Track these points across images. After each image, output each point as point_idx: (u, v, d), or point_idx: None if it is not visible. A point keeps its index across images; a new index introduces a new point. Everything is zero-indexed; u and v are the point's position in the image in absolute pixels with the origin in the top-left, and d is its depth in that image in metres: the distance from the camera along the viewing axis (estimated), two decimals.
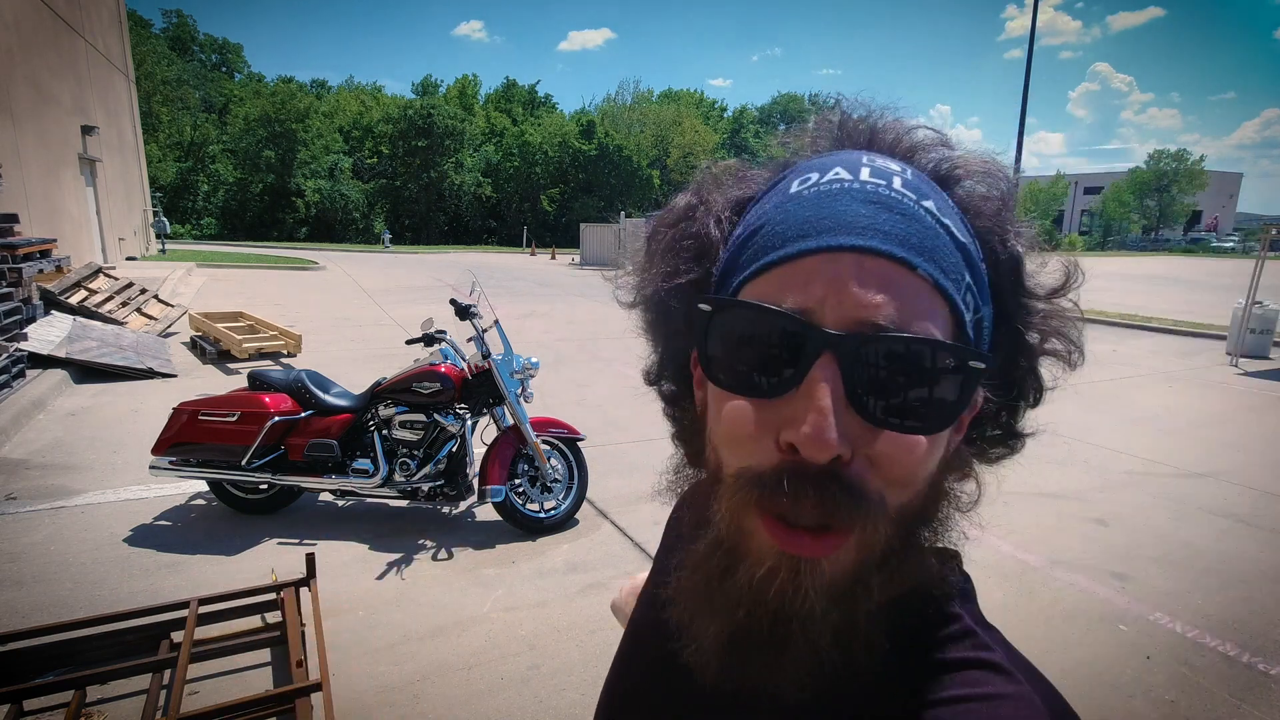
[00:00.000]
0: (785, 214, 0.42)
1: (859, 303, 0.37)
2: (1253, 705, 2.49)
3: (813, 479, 0.37)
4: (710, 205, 0.48)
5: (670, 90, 57.35)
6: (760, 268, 0.41)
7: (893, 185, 0.41)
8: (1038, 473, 4.79)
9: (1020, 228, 0.45)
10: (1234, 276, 22.42)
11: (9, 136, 10.83)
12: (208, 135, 42.26)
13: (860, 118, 0.48)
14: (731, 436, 0.40)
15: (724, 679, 0.42)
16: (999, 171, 0.46)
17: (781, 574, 0.38)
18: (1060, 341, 0.46)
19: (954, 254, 0.40)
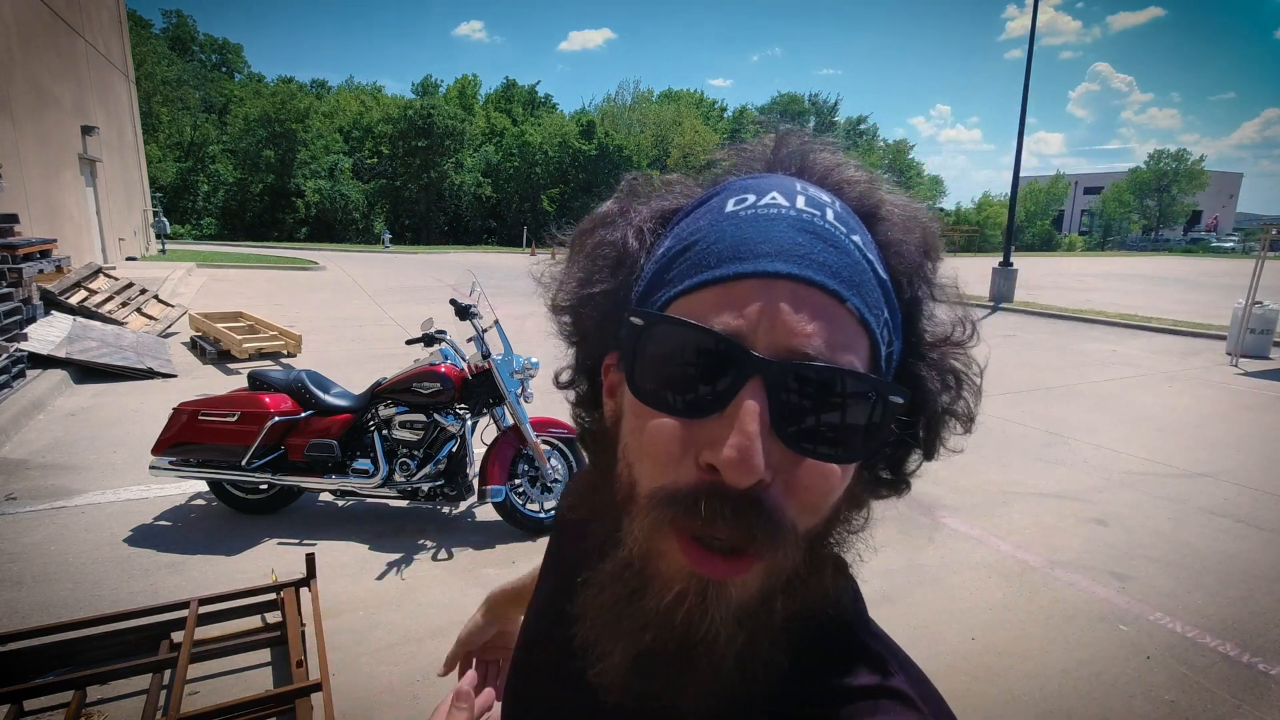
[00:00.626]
0: (720, 233, 0.41)
1: (791, 330, 0.37)
2: (1253, 705, 2.49)
3: (732, 502, 0.37)
4: (631, 216, 0.48)
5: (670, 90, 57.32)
6: (693, 285, 0.40)
7: (825, 216, 0.42)
8: (1038, 473, 4.79)
9: (931, 274, 0.46)
10: (1234, 276, 22.42)
11: (9, 136, 10.83)
12: (208, 135, 42.23)
13: (795, 146, 0.48)
14: (651, 454, 0.40)
15: (629, 698, 0.42)
16: (921, 215, 0.47)
17: (689, 598, 0.39)
18: (951, 395, 0.46)
19: (875, 289, 0.41)
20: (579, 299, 0.48)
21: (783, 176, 0.45)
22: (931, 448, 0.48)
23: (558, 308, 0.51)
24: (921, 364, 0.45)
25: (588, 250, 0.49)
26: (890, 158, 56.46)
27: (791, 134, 0.49)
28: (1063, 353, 9.55)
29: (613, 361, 0.48)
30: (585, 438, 0.53)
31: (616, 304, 0.46)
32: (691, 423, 0.39)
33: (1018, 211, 18.83)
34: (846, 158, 0.48)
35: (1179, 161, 55.73)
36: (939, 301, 0.47)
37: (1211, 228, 63.08)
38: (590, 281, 0.48)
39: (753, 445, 0.36)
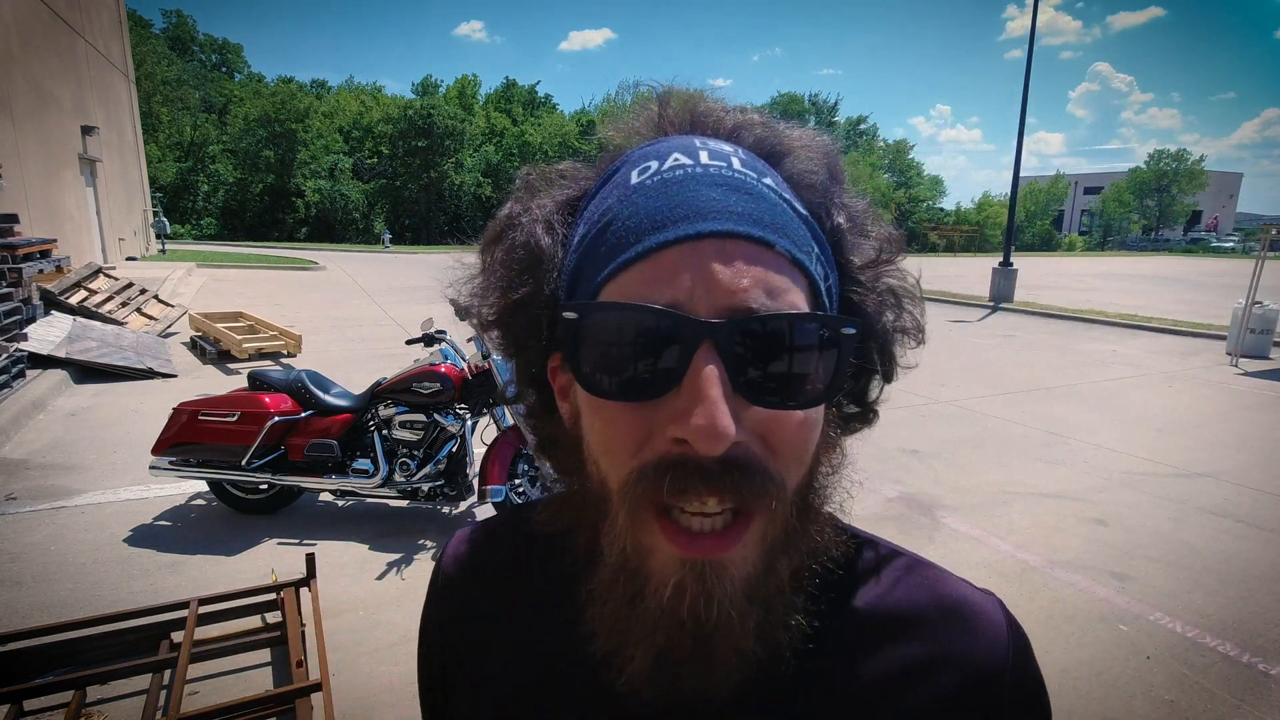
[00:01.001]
0: (633, 206, 0.40)
1: (729, 288, 0.37)
2: (1253, 705, 2.49)
3: (708, 471, 0.36)
4: (535, 212, 0.46)
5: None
6: (619, 266, 0.39)
7: (732, 166, 0.41)
8: (1038, 473, 4.79)
9: (846, 199, 0.46)
10: (1234, 276, 22.42)
11: (9, 136, 10.83)
12: (208, 135, 42.23)
13: (680, 104, 0.47)
14: (615, 444, 0.39)
15: (657, 696, 0.41)
16: (823, 145, 0.46)
17: (689, 588, 0.37)
18: (894, 312, 0.46)
19: (800, 226, 0.41)
20: (504, 309, 0.46)
21: (680, 136, 0.44)
22: (889, 370, 0.47)
23: (485, 324, 0.48)
24: (858, 288, 0.45)
25: (499, 258, 0.46)
26: (890, 158, 56.40)
27: (673, 93, 0.47)
28: (1063, 353, 9.55)
29: (557, 363, 0.46)
30: (544, 447, 0.50)
31: (544, 304, 0.44)
32: (649, 405, 0.37)
33: (1018, 211, 18.82)
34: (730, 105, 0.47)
35: (1179, 161, 55.74)
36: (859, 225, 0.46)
37: (1211, 228, 63.08)
38: (511, 288, 0.45)
39: (718, 408, 0.35)
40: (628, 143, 0.47)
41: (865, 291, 0.44)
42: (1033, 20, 15.05)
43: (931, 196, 55.25)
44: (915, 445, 5.32)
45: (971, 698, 0.45)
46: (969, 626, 0.47)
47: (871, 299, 0.45)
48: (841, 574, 0.47)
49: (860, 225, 0.46)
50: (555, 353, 0.45)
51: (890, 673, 0.45)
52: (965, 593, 0.48)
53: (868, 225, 0.46)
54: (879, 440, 4.92)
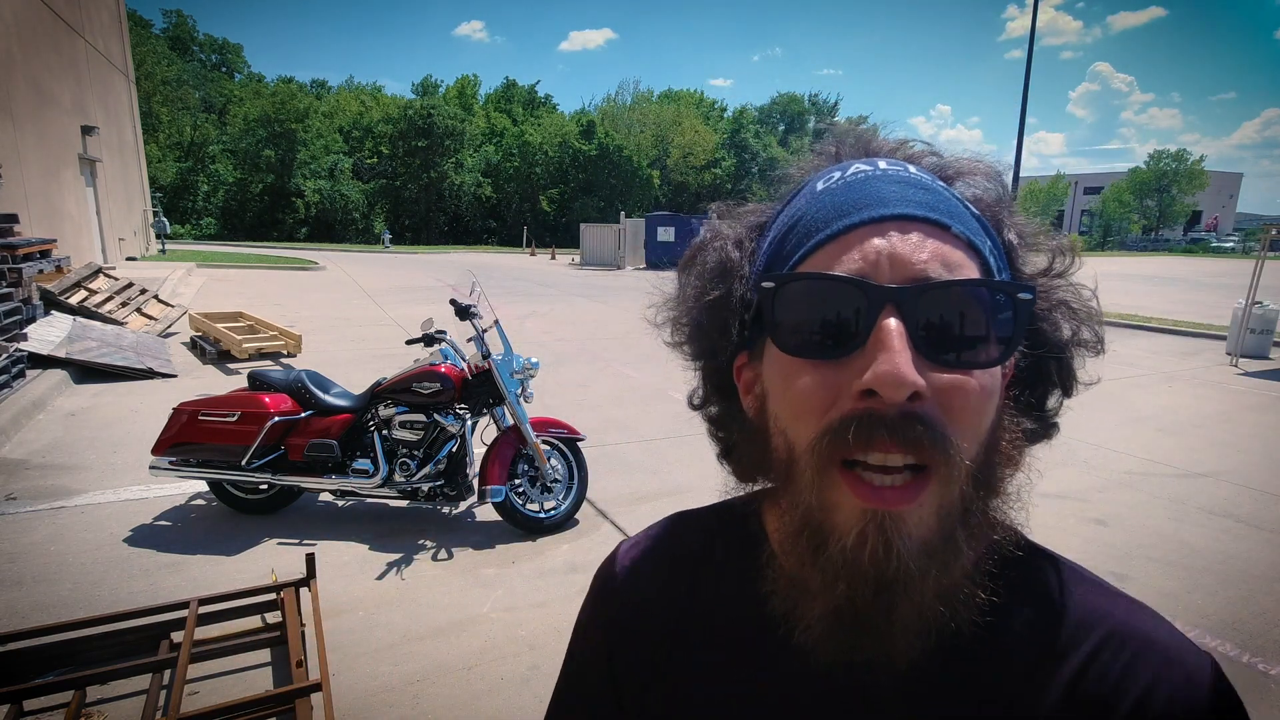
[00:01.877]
0: (820, 204, 0.45)
1: (910, 260, 0.41)
2: (1253, 705, 2.47)
3: (888, 422, 0.38)
4: (726, 233, 0.52)
5: (670, 90, 57.33)
6: (810, 248, 0.44)
7: (909, 170, 0.46)
8: (1038, 473, 4.79)
9: (1017, 218, 0.49)
10: (1234, 276, 22.42)
11: (9, 136, 10.83)
12: (208, 135, 42.23)
13: (854, 139, 0.51)
14: (805, 404, 0.42)
15: (836, 656, 0.43)
16: (990, 169, 0.50)
17: (870, 538, 0.39)
18: (1070, 325, 0.48)
19: (972, 220, 0.45)
20: (698, 312, 0.51)
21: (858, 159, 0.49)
22: (1068, 383, 0.49)
23: (677, 336, 0.54)
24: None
25: (695, 272, 0.52)
26: None
27: (848, 132, 0.53)
28: None
29: (743, 362, 0.50)
30: (727, 452, 0.55)
31: (733, 308, 0.49)
32: (837, 365, 0.41)
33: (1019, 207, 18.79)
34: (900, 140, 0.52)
35: (1179, 161, 55.72)
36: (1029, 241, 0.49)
37: (1211, 228, 63.07)
38: (703, 294, 0.50)
39: (901, 356, 0.38)
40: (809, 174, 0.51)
41: (1039, 300, 0.46)
42: (1033, 20, 15.06)
43: None
44: None
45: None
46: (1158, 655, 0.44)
47: (1043, 307, 0.47)
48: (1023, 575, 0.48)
49: (1031, 240, 0.49)
50: (742, 352, 0.50)
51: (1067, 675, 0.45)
52: (1167, 632, 0.46)
53: (1040, 240, 0.49)
54: None
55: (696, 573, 0.56)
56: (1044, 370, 0.48)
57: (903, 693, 0.45)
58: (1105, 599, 0.48)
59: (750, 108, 56.19)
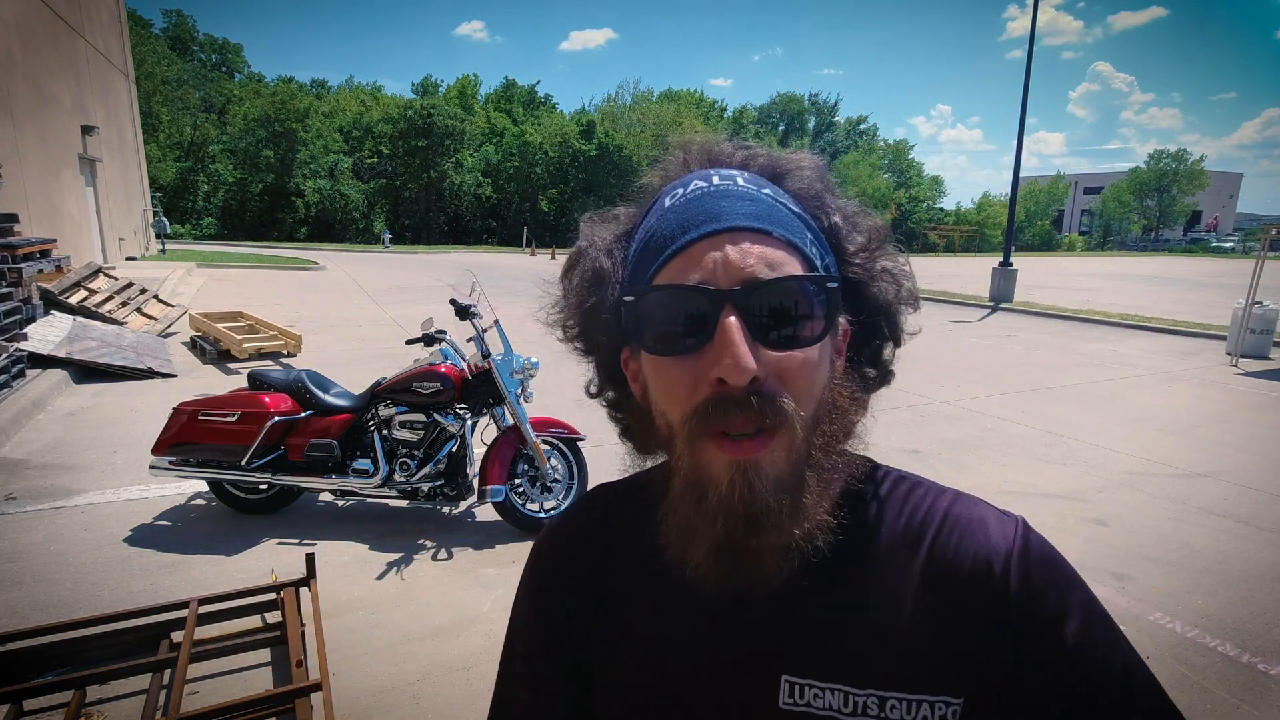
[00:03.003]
0: (666, 221, 0.53)
1: (739, 265, 0.49)
2: (1253, 705, 2.49)
3: (738, 400, 0.48)
4: (598, 243, 0.59)
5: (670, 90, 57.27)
6: (661, 262, 0.52)
7: (737, 183, 0.54)
8: (1038, 473, 4.79)
9: (839, 202, 0.58)
10: (1234, 276, 22.42)
11: (9, 136, 10.83)
12: (208, 135, 42.18)
13: (698, 148, 0.60)
14: (673, 391, 0.51)
15: (720, 584, 0.53)
16: (815, 164, 0.59)
17: (737, 483, 0.49)
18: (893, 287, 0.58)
19: (794, 221, 0.53)
20: (580, 317, 0.60)
21: (699, 170, 0.57)
22: (897, 335, 0.60)
23: (568, 336, 0.62)
24: (856, 270, 0.56)
25: (574, 282, 0.60)
26: (890, 157, 56.37)
27: (692, 141, 0.61)
28: (1063, 353, 9.54)
29: (627, 355, 0.59)
30: (625, 432, 0.64)
31: (610, 309, 0.57)
32: (693, 358, 0.49)
33: (1018, 211, 18.80)
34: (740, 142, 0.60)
35: (1179, 161, 55.69)
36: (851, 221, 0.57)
37: (1211, 228, 63.05)
38: (584, 300, 0.59)
39: (741, 350, 0.47)
40: (664, 183, 0.59)
41: (862, 271, 0.56)
42: (1033, 20, 15.05)
43: (931, 196, 55.15)
44: (915, 446, 5.32)
45: (973, 581, 0.53)
46: (978, 530, 0.56)
47: (867, 276, 0.56)
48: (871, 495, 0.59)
49: (852, 220, 0.58)
50: (624, 347, 0.59)
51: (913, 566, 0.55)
52: (982, 510, 0.58)
53: (859, 220, 0.58)
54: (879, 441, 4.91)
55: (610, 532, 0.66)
56: (876, 328, 0.58)
57: (779, 607, 0.55)
58: (934, 497, 0.59)
59: (750, 108, 56.20)
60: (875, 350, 0.60)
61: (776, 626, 0.56)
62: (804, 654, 0.55)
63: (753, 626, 0.56)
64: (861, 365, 0.59)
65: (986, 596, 0.52)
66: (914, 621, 0.53)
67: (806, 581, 0.54)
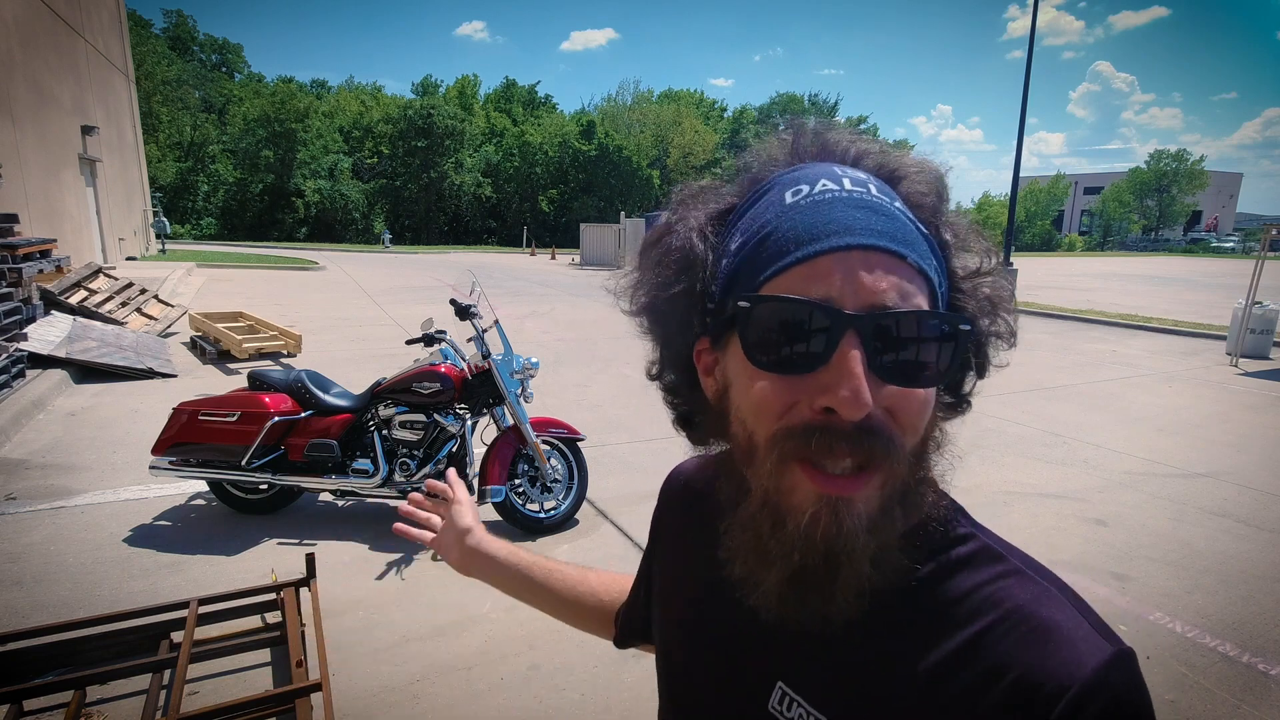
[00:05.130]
0: (791, 222, 0.48)
1: (870, 289, 0.45)
2: (1253, 705, 2.49)
3: (845, 434, 0.44)
4: (690, 221, 0.55)
5: (670, 90, 57.30)
6: (780, 268, 0.47)
7: (871, 191, 0.49)
8: (1038, 473, 4.79)
9: (952, 218, 0.53)
10: (1234, 276, 22.42)
11: (9, 136, 10.83)
12: (208, 135, 42.20)
13: (811, 134, 0.55)
14: (768, 407, 0.47)
15: (785, 614, 0.50)
16: (933, 170, 0.54)
17: (824, 518, 0.46)
18: (990, 318, 0.53)
19: (922, 242, 0.49)
20: (660, 301, 0.55)
21: (820, 164, 0.52)
22: (983, 367, 0.55)
23: (637, 310, 0.58)
24: (961, 294, 0.52)
25: (656, 259, 0.56)
26: None
27: (804, 123, 0.56)
28: (1063, 353, 9.54)
29: (704, 347, 0.55)
30: (683, 420, 0.61)
31: (695, 299, 0.53)
32: (801, 378, 0.46)
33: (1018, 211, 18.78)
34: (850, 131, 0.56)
35: (1179, 161, 55.71)
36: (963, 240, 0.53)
37: (1211, 228, 63.04)
38: (668, 285, 0.54)
39: (861, 385, 0.43)
40: (766, 167, 0.55)
41: (967, 297, 0.52)
42: (1033, 20, 15.05)
43: None
44: None
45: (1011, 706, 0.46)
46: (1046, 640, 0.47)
47: (972, 304, 0.52)
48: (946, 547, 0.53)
49: (964, 241, 0.53)
50: (702, 338, 0.55)
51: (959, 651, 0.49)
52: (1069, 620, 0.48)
53: (970, 240, 0.54)
54: None
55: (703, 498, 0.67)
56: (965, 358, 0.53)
57: (817, 643, 0.53)
58: (1016, 581, 0.51)
59: (750, 108, 56.18)
60: (958, 380, 0.55)
61: (796, 636, 0.53)
62: (805, 672, 0.54)
63: (771, 629, 0.54)
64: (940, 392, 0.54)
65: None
66: (924, 702, 0.49)
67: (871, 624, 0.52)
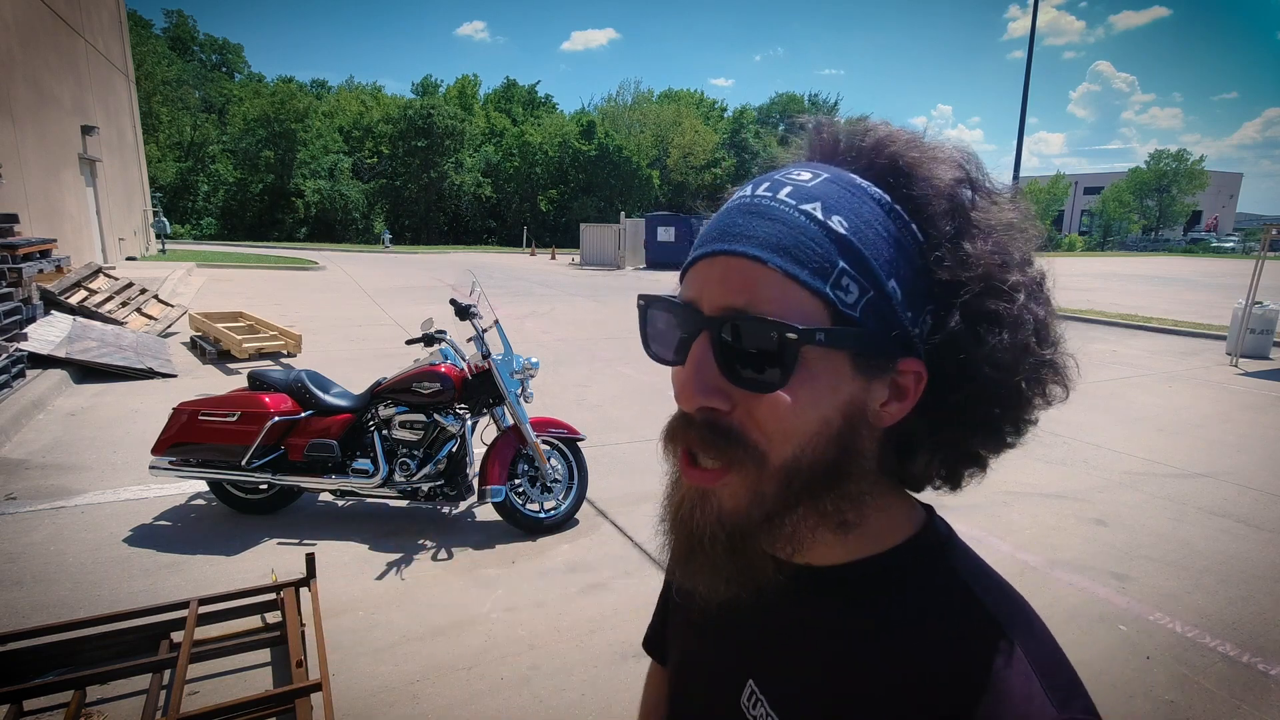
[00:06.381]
0: (706, 226, 0.52)
1: (721, 293, 0.47)
2: (1253, 705, 2.49)
3: (695, 424, 0.48)
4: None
5: (670, 90, 57.30)
6: (683, 270, 0.52)
7: (777, 195, 0.48)
8: (1038, 473, 4.79)
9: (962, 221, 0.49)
10: (1234, 276, 22.42)
11: (9, 136, 10.83)
12: (208, 135, 42.22)
13: (832, 130, 0.54)
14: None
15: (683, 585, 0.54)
16: (948, 157, 0.50)
17: (692, 503, 0.51)
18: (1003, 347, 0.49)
19: (822, 245, 0.46)
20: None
21: (784, 167, 0.52)
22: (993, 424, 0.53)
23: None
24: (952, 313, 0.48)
25: None
26: None
27: (822, 124, 0.55)
28: None
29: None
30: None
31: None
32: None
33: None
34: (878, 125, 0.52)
35: (1179, 161, 55.69)
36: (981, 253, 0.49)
37: (1211, 228, 63.05)
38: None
39: (690, 377, 0.47)
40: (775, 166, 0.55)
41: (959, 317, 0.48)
42: (1033, 20, 15.06)
43: None
44: None
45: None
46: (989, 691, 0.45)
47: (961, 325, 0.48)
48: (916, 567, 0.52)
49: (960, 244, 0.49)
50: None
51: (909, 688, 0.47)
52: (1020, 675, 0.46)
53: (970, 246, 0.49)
54: None
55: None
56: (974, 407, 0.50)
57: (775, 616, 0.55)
58: (979, 628, 0.48)
59: (750, 108, 56.16)
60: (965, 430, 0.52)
61: (767, 631, 0.56)
62: (774, 673, 0.55)
63: (749, 622, 0.58)
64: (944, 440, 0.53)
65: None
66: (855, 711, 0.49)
67: (811, 604, 0.53)
